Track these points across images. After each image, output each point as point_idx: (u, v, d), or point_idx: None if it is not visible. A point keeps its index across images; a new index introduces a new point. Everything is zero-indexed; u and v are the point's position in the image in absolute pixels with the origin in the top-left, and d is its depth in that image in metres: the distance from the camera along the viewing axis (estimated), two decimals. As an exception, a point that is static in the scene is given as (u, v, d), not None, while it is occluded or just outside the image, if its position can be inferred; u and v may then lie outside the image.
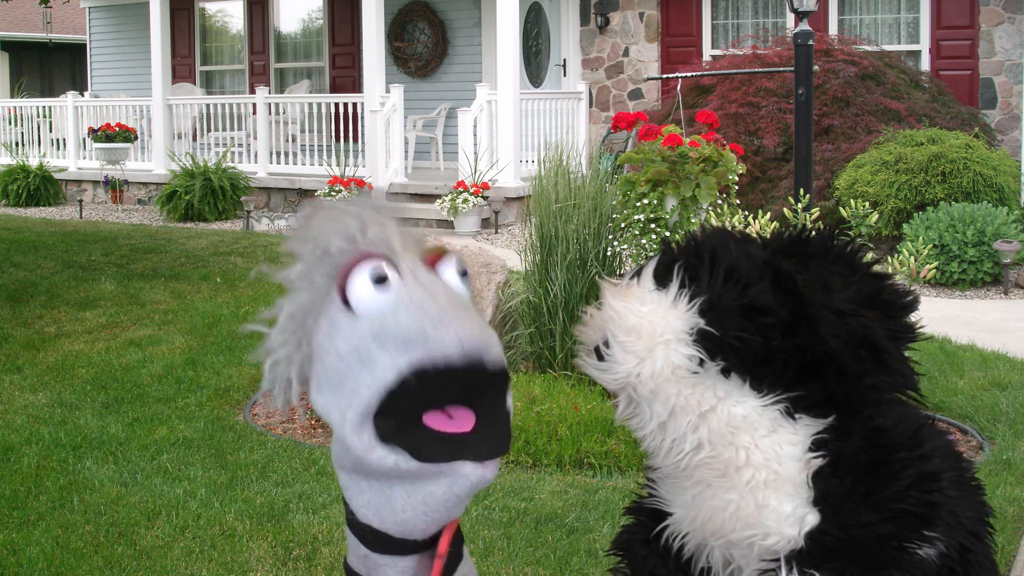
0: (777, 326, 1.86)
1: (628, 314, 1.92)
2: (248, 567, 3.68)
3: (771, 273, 1.90)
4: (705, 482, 1.93)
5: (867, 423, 1.94)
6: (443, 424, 1.57)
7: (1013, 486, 4.35)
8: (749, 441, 1.89)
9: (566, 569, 3.65)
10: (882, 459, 1.92)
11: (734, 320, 1.86)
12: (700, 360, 1.88)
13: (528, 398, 4.99)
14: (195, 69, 17.73)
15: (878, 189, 9.40)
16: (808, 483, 1.90)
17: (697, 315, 1.88)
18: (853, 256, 1.98)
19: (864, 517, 1.88)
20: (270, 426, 5.33)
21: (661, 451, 1.96)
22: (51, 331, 7.14)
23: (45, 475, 4.58)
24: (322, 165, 13.49)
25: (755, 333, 1.86)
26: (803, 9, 6.48)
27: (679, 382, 1.88)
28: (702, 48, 13.68)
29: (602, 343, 1.95)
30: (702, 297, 1.89)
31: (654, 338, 1.89)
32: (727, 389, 1.89)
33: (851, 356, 1.86)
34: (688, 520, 1.98)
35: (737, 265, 1.91)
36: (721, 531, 1.92)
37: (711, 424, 1.89)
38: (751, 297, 1.87)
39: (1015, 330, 7.30)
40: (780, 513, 1.88)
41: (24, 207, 14.99)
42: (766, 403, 1.89)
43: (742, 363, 1.87)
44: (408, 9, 15.14)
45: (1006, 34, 11.96)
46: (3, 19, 27.18)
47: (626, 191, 5.97)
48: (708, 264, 1.92)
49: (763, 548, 1.90)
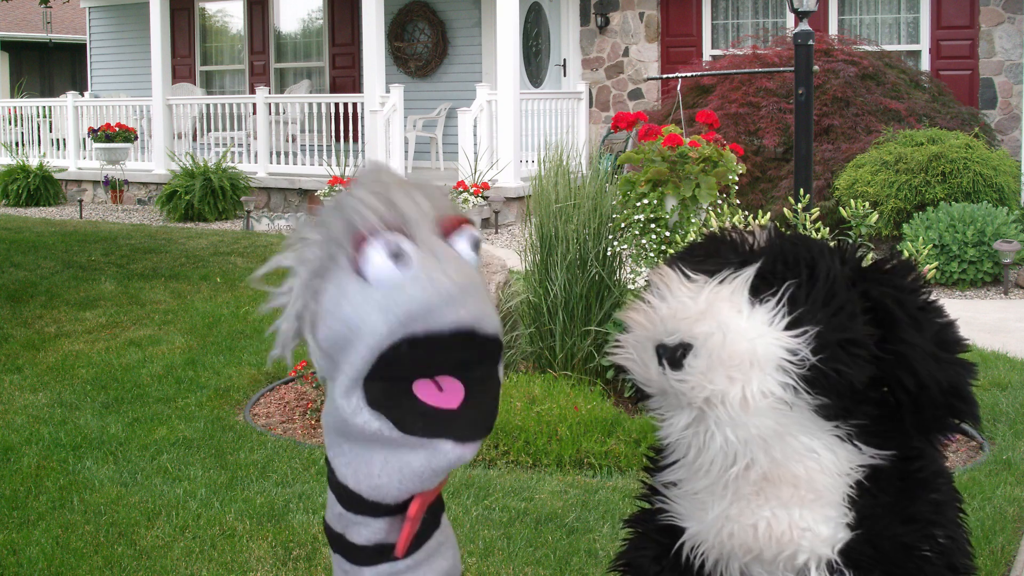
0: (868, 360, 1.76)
1: (730, 327, 1.73)
2: (248, 567, 3.68)
3: (862, 300, 1.79)
4: (739, 495, 1.85)
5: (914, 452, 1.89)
6: (431, 396, 1.60)
7: (1013, 486, 4.35)
8: (801, 465, 1.81)
9: (566, 569, 3.64)
10: (906, 469, 1.90)
11: (832, 354, 1.73)
12: (794, 389, 1.74)
13: (528, 398, 4.98)
14: (195, 69, 17.73)
15: (878, 189, 9.40)
16: (844, 502, 1.85)
17: (799, 344, 1.72)
18: (922, 291, 1.89)
19: (893, 530, 1.85)
20: (270, 426, 5.33)
21: (703, 470, 1.86)
22: (51, 331, 7.14)
23: (45, 475, 4.58)
24: (322, 165, 13.49)
25: (851, 367, 1.73)
26: (803, 9, 6.47)
27: (769, 413, 1.74)
28: (702, 48, 13.68)
29: (678, 346, 1.76)
30: (808, 326, 1.73)
31: (751, 361, 1.73)
32: (803, 417, 1.78)
33: (935, 403, 1.79)
34: (711, 534, 1.90)
35: (836, 290, 1.78)
36: (749, 547, 1.85)
37: (775, 448, 1.79)
38: (852, 331, 1.75)
39: (1015, 330, 7.30)
40: (817, 535, 1.83)
41: (24, 207, 14.99)
42: (828, 428, 1.82)
43: (839, 397, 1.75)
44: (408, 9, 15.14)
45: (1006, 34, 11.96)
46: (3, 19, 27.18)
47: (626, 191, 5.97)
48: (808, 283, 1.77)
49: (793, 567, 1.86)
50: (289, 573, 3.64)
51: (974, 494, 4.26)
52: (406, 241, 1.59)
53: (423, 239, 1.60)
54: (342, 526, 1.75)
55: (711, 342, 1.74)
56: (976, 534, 3.87)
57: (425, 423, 1.60)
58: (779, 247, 1.86)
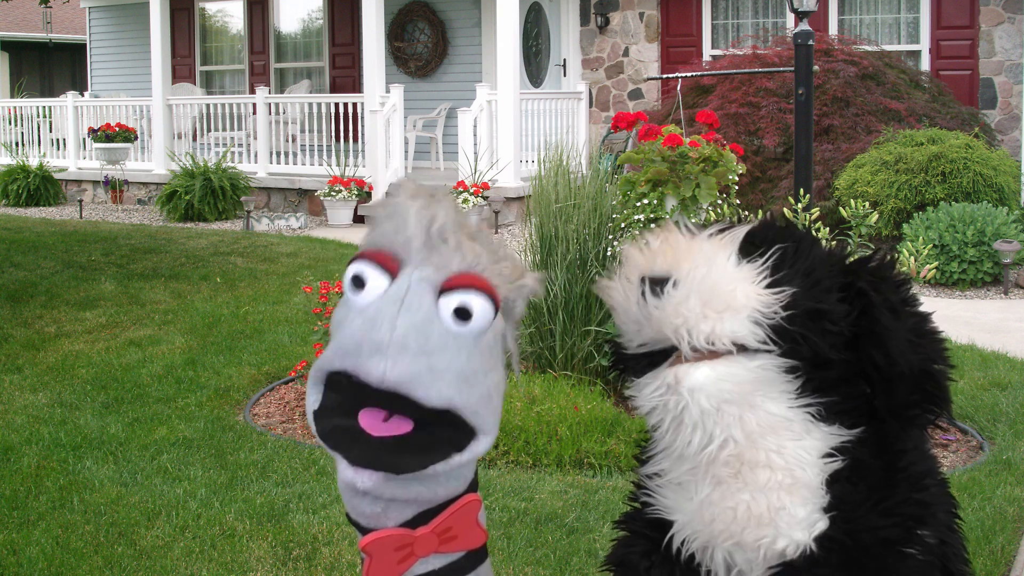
0: (837, 336, 1.84)
1: (716, 265, 1.84)
2: (248, 567, 3.68)
3: (843, 282, 1.89)
4: (718, 479, 1.90)
5: (879, 430, 1.94)
6: (370, 422, 1.56)
7: (1013, 486, 4.35)
8: (775, 443, 1.86)
9: (566, 569, 3.65)
10: (890, 463, 1.93)
11: (801, 319, 1.83)
12: (763, 342, 1.82)
13: (528, 398, 4.99)
14: (195, 69, 17.73)
15: (878, 189, 9.40)
16: (823, 488, 1.88)
17: (775, 300, 1.82)
18: (904, 286, 1.96)
19: (872, 522, 1.88)
20: (270, 426, 5.33)
21: (681, 448, 1.90)
22: (51, 331, 7.14)
23: (45, 475, 4.58)
24: (322, 165, 13.49)
25: (816, 335, 1.83)
26: (803, 9, 6.47)
27: (735, 368, 1.82)
28: (702, 48, 13.68)
29: (660, 279, 1.85)
30: (784, 287, 1.84)
31: (728, 302, 1.82)
32: (770, 383, 1.85)
33: (907, 385, 1.86)
34: (696, 521, 1.95)
35: (816, 267, 1.89)
36: (730, 531, 1.90)
37: (748, 421, 1.85)
38: (825, 302, 1.84)
39: (1015, 330, 7.30)
40: (793, 516, 1.87)
41: (24, 207, 14.99)
42: (801, 404, 1.87)
43: (801, 362, 1.84)
44: (408, 9, 15.14)
45: (1006, 34, 11.96)
46: (3, 19, 27.18)
47: (626, 191, 5.97)
48: (792, 256, 1.88)
49: (772, 552, 1.89)
50: (289, 573, 3.64)
51: (974, 494, 4.26)
52: (379, 272, 1.56)
53: (406, 281, 1.55)
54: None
55: (693, 275, 1.83)
56: (976, 534, 3.87)
57: (337, 436, 1.57)
58: (773, 224, 1.97)
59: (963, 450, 4.99)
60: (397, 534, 1.65)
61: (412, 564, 1.68)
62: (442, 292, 1.56)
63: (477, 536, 1.74)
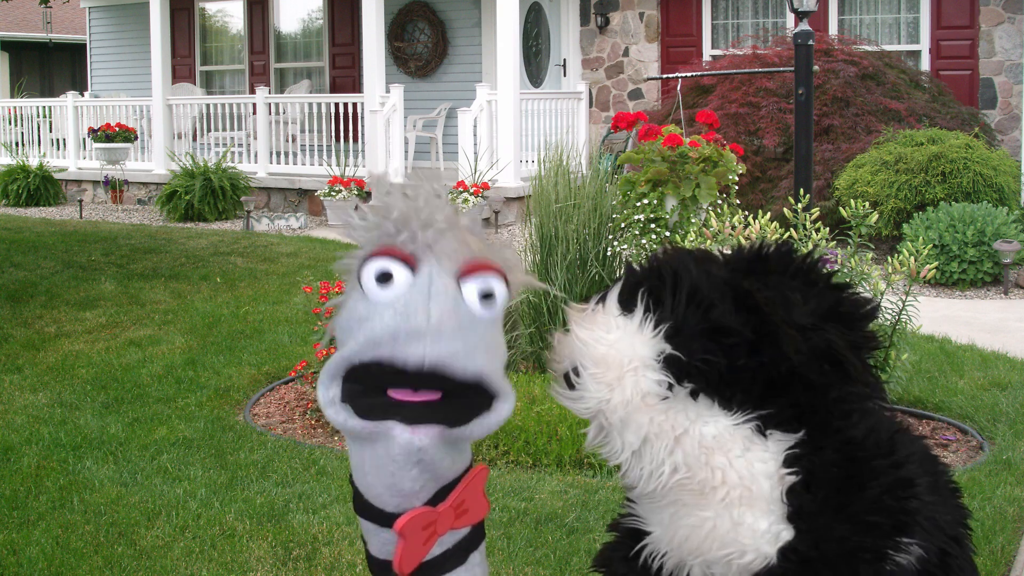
0: (741, 345, 1.87)
1: (596, 343, 1.92)
2: (248, 567, 3.68)
3: (732, 292, 1.91)
4: (681, 502, 1.93)
5: (838, 436, 1.93)
6: (402, 395, 1.64)
7: (1013, 486, 4.35)
8: (724, 461, 1.89)
9: (566, 569, 3.65)
10: (855, 471, 1.92)
11: (699, 343, 1.87)
12: (669, 385, 1.88)
13: (528, 398, 4.99)
14: (195, 69, 17.73)
15: (878, 189, 9.40)
16: (782, 499, 1.89)
17: (663, 340, 1.88)
18: (812, 269, 1.99)
19: (837, 531, 1.88)
20: (270, 426, 5.33)
21: (637, 476, 1.96)
22: (51, 331, 7.14)
23: (45, 475, 4.58)
24: (322, 165, 13.49)
25: (720, 354, 1.86)
26: (803, 9, 6.47)
27: (650, 409, 1.89)
28: (702, 48, 13.68)
29: (571, 371, 1.95)
30: (667, 323, 1.89)
31: (622, 367, 1.89)
32: (698, 411, 1.89)
33: (815, 369, 1.87)
34: (666, 539, 1.98)
35: (699, 287, 1.91)
36: (699, 550, 1.92)
37: (685, 447, 1.90)
38: (714, 319, 1.88)
39: (1015, 330, 7.30)
40: (756, 530, 1.89)
41: (24, 207, 14.99)
42: (737, 422, 1.89)
43: (709, 384, 1.88)
44: (408, 9, 15.14)
45: (1006, 34, 11.96)
46: (3, 19, 27.18)
47: (626, 191, 5.97)
48: (671, 287, 1.92)
49: (741, 566, 1.90)
50: (289, 573, 3.64)
51: (974, 494, 4.26)
52: (401, 267, 1.64)
53: (428, 272, 1.64)
54: (365, 534, 1.79)
55: (584, 360, 1.91)
56: (976, 534, 3.87)
57: (380, 409, 1.63)
58: (654, 262, 2.01)
59: (963, 450, 4.99)
60: (426, 511, 1.70)
61: (434, 544, 1.73)
62: (460, 279, 1.67)
63: (483, 507, 1.80)
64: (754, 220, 5.24)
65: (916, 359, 5.98)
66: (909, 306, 5.06)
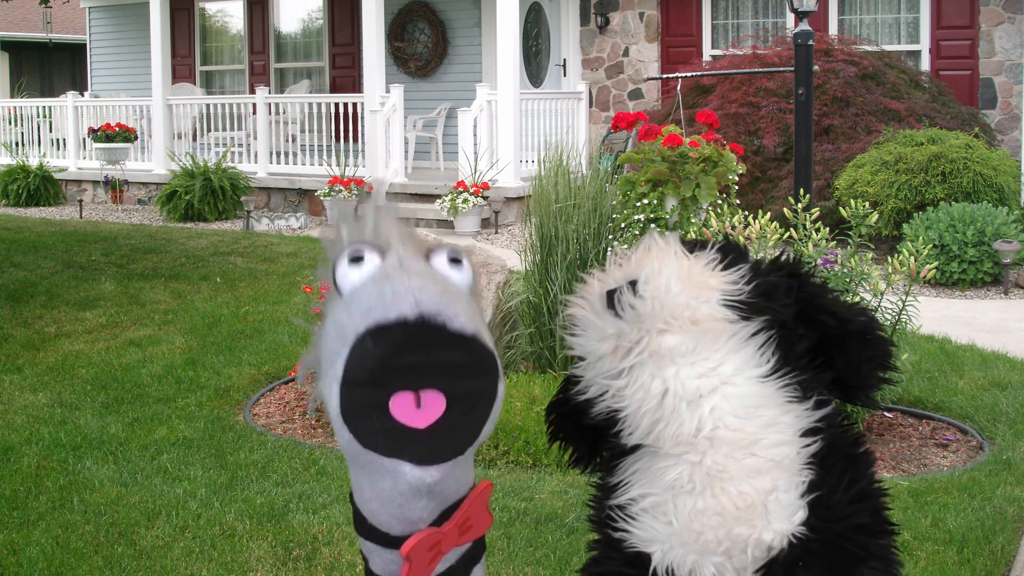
0: (789, 309, 1.97)
1: (677, 259, 1.95)
2: (248, 567, 3.68)
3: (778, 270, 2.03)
4: (708, 479, 1.89)
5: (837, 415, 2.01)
6: (404, 412, 1.55)
7: (1013, 486, 4.35)
8: (759, 421, 1.90)
9: (566, 569, 3.65)
10: (854, 444, 1.99)
11: (758, 294, 1.95)
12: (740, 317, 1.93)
13: (528, 398, 4.98)
14: (195, 69, 17.73)
15: (878, 189, 9.40)
16: (802, 471, 1.91)
17: (737, 279, 1.94)
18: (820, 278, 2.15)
19: (845, 510, 1.91)
20: (270, 426, 5.33)
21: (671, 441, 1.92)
22: (51, 331, 7.14)
23: (45, 475, 4.58)
24: (322, 165, 13.49)
25: (777, 305, 1.95)
26: (803, 9, 6.47)
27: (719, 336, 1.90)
28: (702, 48, 13.68)
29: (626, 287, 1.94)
30: (739, 266, 1.96)
31: (704, 284, 1.93)
32: (746, 360, 1.91)
33: (858, 343, 1.97)
34: (680, 543, 1.92)
35: (748, 256, 2.03)
36: (719, 535, 1.89)
37: (730, 396, 1.90)
38: (773, 281, 1.97)
39: (1015, 330, 7.30)
40: (781, 501, 1.90)
41: (24, 207, 14.99)
42: (778, 382, 1.93)
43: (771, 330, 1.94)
44: (408, 9, 15.14)
45: (1006, 34, 11.96)
46: (3, 19, 27.18)
47: (626, 191, 5.97)
48: (725, 249, 2.01)
49: (759, 547, 1.89)
50: (289, 573, 3.64)
51: (974, 494, 4.26)
52: (371, 250, 1.62)
53: (396, 254, 1.62)
54: (366, 552, 1.75)
55: (664, 269, 1.94)
56: (976, 534, 3.88)
57: (386, 440, 1.56)
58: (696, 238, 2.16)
59: (963, 450, 4.99)
60: (431, 533, 1.66)
61: (439, 562, 1.69)
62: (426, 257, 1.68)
63: (486, 521, 1.76)
64: (754, 220, 5.24)
65: (916, 359, 5.98)
66: (909, 306, 5.06)
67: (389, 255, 1.63)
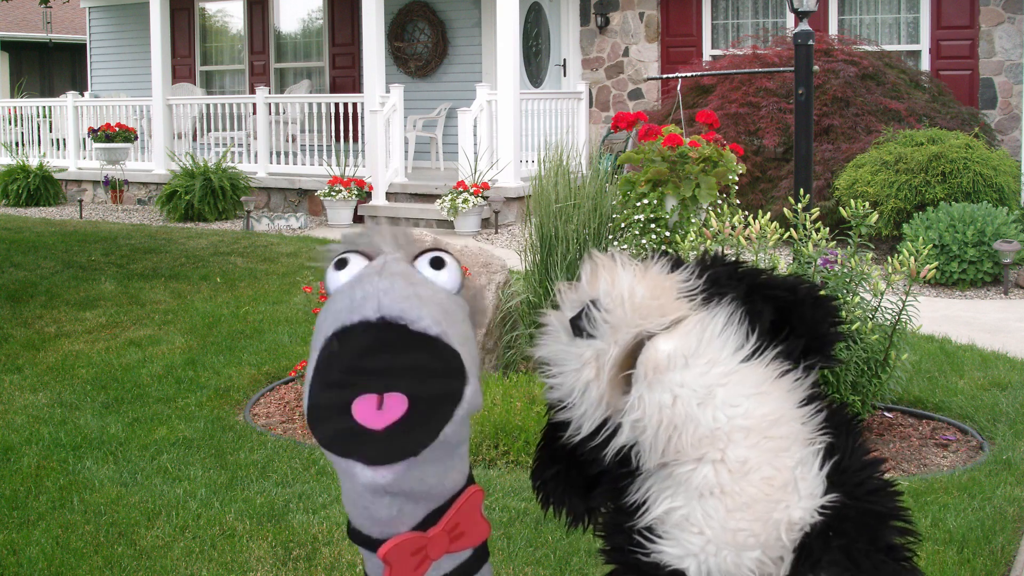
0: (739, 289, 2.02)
1: (630, 270, 1.97)
2: (248, 567, 3.68)
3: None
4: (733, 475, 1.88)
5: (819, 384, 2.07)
6: (365, 414, 1.55)
7: (1013, 486, 4.35)
8: (768, 404, 1.91)
9: (566, 569, 3.65)
10: (849, 416, 2.01)
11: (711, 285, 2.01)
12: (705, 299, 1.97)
13: (528, 398, 4.98)
14: (195, 69, 17.73)
15: (878, 189, 9.40)
16: (815, 440, 1.92)
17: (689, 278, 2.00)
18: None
19: (862, 473, 1.92)
20: (270, 426, 5.33)
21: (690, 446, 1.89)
22: (51, 331, 7.14)
23: (45, 475, 4.58)
24: (322, 165, 13.49)
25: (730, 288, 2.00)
26: (803, 9, 6.47)
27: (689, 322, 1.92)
28: (702, 48, 13.68)
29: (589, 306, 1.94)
30: (684, 267, 2.02)
31: (660, 287, 1.96)
32: (731, 346, 1.94)
33: (809, 306, 2.03)
34: (716, 547, 1.88)
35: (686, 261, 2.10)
36: (753, 527, 1.86)
37: (730, 384, 1.90)
38: (717, 270, 2.03)
39: (1015, 330, 7.30)
40: (805, 476, 1.90)
41: (24, 207, 14.99)
42: (763, 358, 1.95)
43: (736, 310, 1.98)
44: (408, 9, 15.14)
45: (1006, 34, 11.96)
46: (3, 19, 27.19)
47: (626, 191, 5.97)
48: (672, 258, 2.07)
49: (792, 526, 1.87)
50: (289, 573, 3.64)
51: (974, 494, 4.26)
52: (359, 257, 1.65)
53: (382, 258, 1.64)
54: (362, 555, 1.74)
55: (620, 278, 1.95)
56: (976, 534, 3.88)
57: (343, 441, 1.56)
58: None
59: (963, 450, 4.99)
60: (412, 537, 1.65)
61: (427, 569, 1.67)
62: (414, 261, 1.68)
63: (482, 530, 1.74)
64: (754, 220, 5.24)
65: (916, 359, 5.98)
66: (909, 306, 5.06)
67: (376, 259, 1.65)
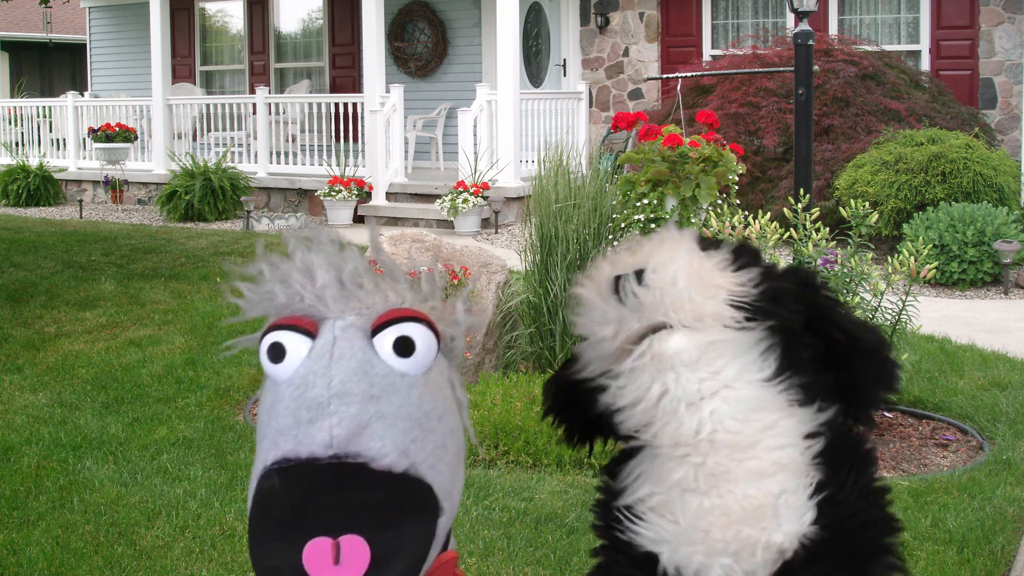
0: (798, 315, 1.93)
1: (688, 253, 1.92)
2: (248, 567, 3.68)
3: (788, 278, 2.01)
4: (712, 477, 1.88)
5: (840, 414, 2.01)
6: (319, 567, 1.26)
7: (1013, 486, 4.35)
8: (763, 423, 1.89)
9: (566, 569, 3.64)
10: (863, 448, 1.98)
11: (767, 298, 1.92)
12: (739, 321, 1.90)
13: (528, 398, 4.98)
14: (195, 69, 17.73)
15: (878, 189, 9.40)
16: (809, 472, 1.90)
17: (747, 281, 1.91)
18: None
19: (857, 506, 1.90)
20: (270, 426, 5.33)
21: (670, 446, 1.91)
22: (51, 331, 7.14)
23: (45, 475, 4.58)
24: (322, 165, 13.49)
25: (785, 311, 1.92)
26: (803, 9, 6.47)
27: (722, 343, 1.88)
28: (702, 48, 13.68)
29: (633, 275, 1.90)
30: (750, 269, 1.92)
31: (711, 282, 1.90)
32: (749, 364, 1.90)
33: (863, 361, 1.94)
34: (688, 542, 1.91)
35: (762, 259, 2.00)
36: (727, 536, 1.88)
37: (731, 399, 1.88)
38: (783, 287, 1.94)
39: (1015, 330, 7.30)
40: (792, 503, 1.89)
41: (24, 207, 14.99)
42: (780, 386, 1.91)
43: (776, 335, 1.91)
44: (408, 9, 15.14)
45: (1006, 34, 11.96)
46: (3, 19, 27.19)
47: (626, 191, 5.97)
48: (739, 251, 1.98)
49: (770, 548, 1.88)
50: (289, 573, 3.64)
51: (974, 494, 4.26)
52: (295, 335, 1.36)
53: (330, 332, 1.37)
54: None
55: (674, 262, 1.91)
56: (976, 534, 3.87)
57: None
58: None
59: (963, 450, 4.99)
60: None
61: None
62: (374, 333, 1.37)
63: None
64: (754, 220, 5.24)
65: (916, 359, 5.98)
66: (909, 306, 5.06)
67: (321, 335, 1.36)
